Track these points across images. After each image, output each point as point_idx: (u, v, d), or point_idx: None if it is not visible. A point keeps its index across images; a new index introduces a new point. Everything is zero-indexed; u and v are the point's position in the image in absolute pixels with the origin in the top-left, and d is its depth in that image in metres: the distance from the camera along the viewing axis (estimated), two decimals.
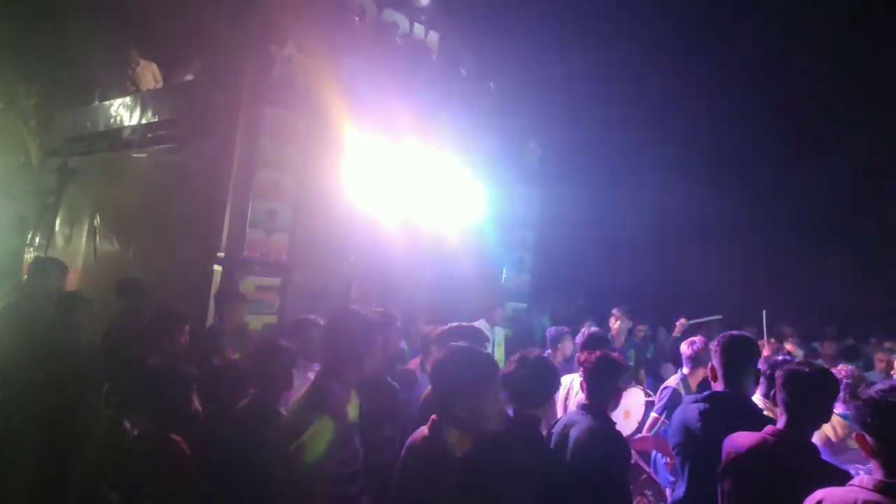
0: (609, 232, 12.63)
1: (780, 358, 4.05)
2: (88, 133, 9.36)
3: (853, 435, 3.56)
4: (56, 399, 4.03)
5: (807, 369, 2.73)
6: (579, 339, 4.42)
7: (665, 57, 10.21)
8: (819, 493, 2.18)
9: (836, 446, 3.81)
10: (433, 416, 2.56)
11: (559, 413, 4.15)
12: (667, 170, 11.50)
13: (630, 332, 7.83)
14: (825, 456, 2.81)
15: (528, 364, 2.88)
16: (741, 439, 2.75)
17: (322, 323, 3.77)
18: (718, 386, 3.32)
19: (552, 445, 3.11)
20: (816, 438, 3.07)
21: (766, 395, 3.81)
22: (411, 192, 8.03)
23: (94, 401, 4.07)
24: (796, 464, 2.50)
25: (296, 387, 3.40)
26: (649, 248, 13.61)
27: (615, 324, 7.21)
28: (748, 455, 2.66)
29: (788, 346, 6.03)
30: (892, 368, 5.78)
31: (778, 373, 2.78)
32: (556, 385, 3.02)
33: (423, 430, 2.57)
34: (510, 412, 2.88)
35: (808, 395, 2.67)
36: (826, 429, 3.74)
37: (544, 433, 3.07)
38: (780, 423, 2.71)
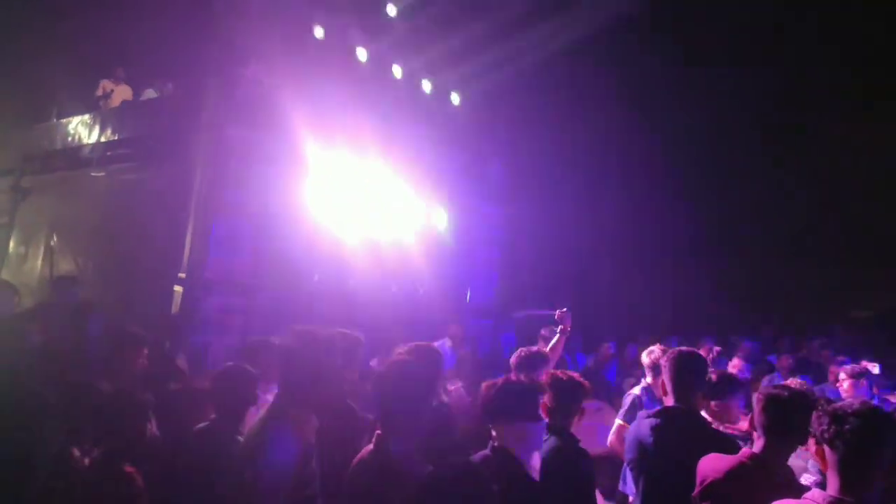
0: (576, 248, 12.71)
1: (731, 371, 4.03)
2: (45, 151, 9.16)
3: (812, 448, 3.60)
4: (13, 432, 3.86)
5: (785, 393, 2.73)
6: (514, 359, 4.02)
7: (633, 69, 10.33)
8: None
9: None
10: (377, 431, 2.53)
11: None
12: (631, 186, 11.64)
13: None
14: None
15: (499, 386, 2.83)
16: (718, 463, 2.73)
17: (278, 344, 3.70)
18: (669, 400, 3.35)
19: None
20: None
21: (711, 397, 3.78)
22: (376, 211, 8.02)
23: (48, 431, 3.91)
24: (774, 487, 2.49)
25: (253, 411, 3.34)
26: (617, 265, 13.73)
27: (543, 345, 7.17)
28: (727, 479, 2.65)
29: (735, 360, 6.08)
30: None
31: (756, 396, 2.78)
32: (535, 404, 2.86)
33: (369, 446, 2.55)
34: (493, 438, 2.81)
35: (787, 417, 2.67)
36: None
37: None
38: (758, 447, 2.70)
